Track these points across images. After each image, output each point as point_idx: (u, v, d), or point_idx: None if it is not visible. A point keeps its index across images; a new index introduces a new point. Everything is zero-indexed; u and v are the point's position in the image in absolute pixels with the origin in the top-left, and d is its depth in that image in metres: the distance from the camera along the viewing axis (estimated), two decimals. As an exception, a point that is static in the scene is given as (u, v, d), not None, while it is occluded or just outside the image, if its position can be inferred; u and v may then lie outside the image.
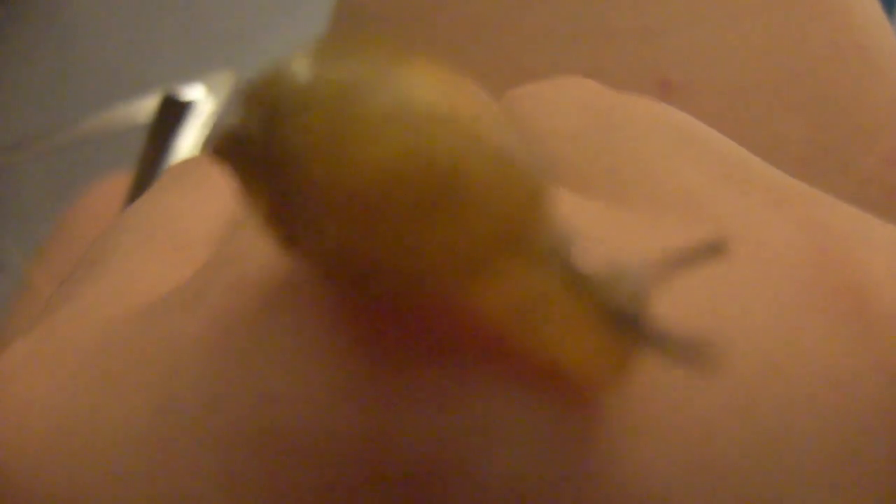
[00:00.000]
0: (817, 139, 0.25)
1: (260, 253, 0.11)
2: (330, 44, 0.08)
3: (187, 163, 0.16)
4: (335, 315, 0.09)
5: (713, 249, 0.08)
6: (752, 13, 0.27)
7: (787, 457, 0.08)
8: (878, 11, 0.29)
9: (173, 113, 0.33)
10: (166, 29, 1.27)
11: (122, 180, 0.60)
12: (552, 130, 0.13)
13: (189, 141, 0.32)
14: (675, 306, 0.09)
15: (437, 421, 0.08)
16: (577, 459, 0.08)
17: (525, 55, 0.27)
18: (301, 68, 0.08)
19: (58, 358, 0.12)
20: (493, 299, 0.08)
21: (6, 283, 0.62)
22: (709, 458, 0.08)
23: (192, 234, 0.14)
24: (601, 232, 0.10)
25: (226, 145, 0.09)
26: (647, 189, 0.11)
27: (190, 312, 0.11)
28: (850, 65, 0.26)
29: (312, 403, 0.09)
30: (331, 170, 0.08)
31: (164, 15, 1.29)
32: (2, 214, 1.12)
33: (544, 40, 0.28)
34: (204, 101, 0.33)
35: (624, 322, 0.08)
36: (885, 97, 0.26)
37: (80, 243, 0.57)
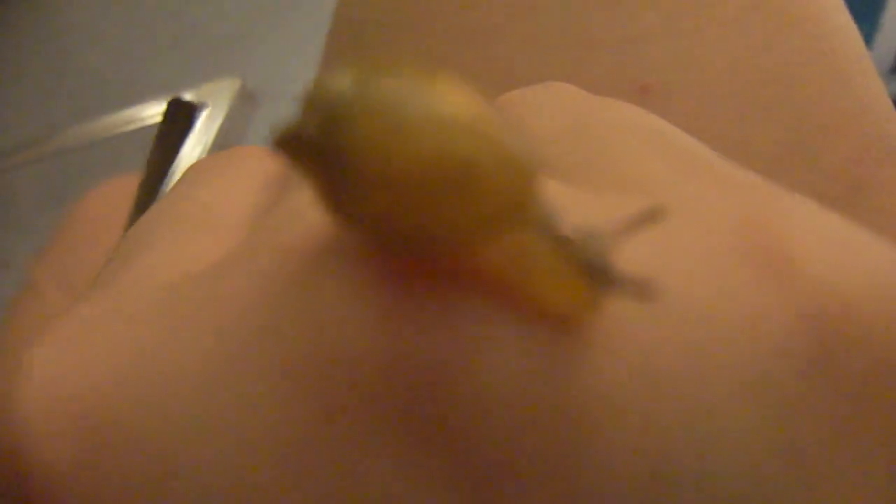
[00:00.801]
0: (786, 139, 0.26)
1: (301, 224, 0.13)
2: (371, 61, 0.10)
3: (208, 161, 0.18)
4: (374, 263, 0.12)
5: (652, 215, 0.11)
6: (726, 22, 0.28)
7: (716, 375, 0.11)
8: (846, 19, 0.30)
9: (180, 116, 0.35)
10: (159, 37, 1.27)
11: (123, 183, 0.61)
12: (538, 130, 0.15)
13: (195, 142, 0.34)
14: (630, 261, 0.11)
15: (449, 338, 0.11)
16: (558, 368, 0.11)
17: (514, 63, 0.29)
18: (351, 82, 0.11)
19: (121, 314, 0.13)
20: (496, 255, 0.11)
21: (11, 281, 0.62)
22: (656, 371, 0.11)
23: (222, 220, 0.16)
24: (576, 209, 0.12)
25: (286, 141, 0.11)
26: (616, 177, 0.14)
27: (242, 272, 0.13)
28: (817, 70, 0.27)
29: (354, 328, 0.11)
30: (380, 162, 0.10)
31: (158, 23, 1.29)
32: (4, 215, 1.12)
33: (532, 49, 0.29)
34: (209, 105, 0.34)
35: (593, 270, 0.11)
36: (849, 100, 0.27)
37: (83, 242, 0.58)
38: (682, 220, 0.12)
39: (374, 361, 0.11)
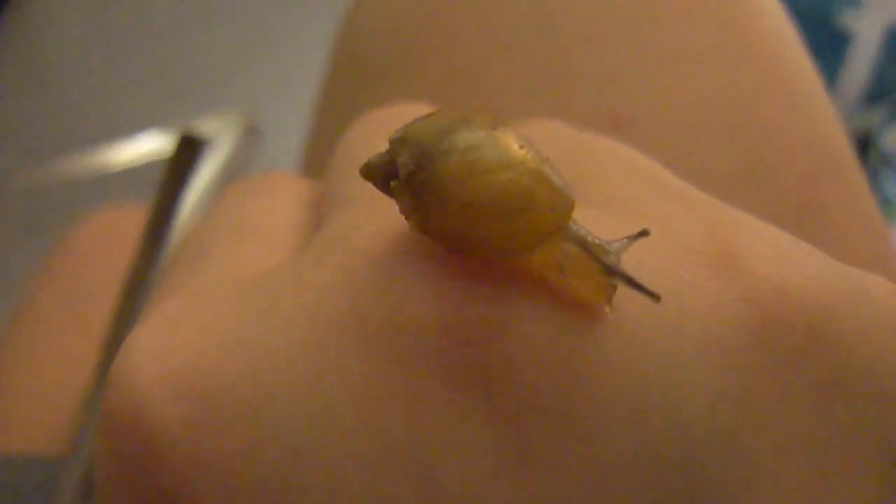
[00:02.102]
0: (746, 163, 0.28)
1: (365, 231, 0.16)
2: (451, 112, 0.14)
3: (244, 184, 0.21)
4: (439, 257, 0.15)
5: (643, 234, 0.15)
6: (693, 58, 0.30)
7: (684, 341, 0.14)
8: (803, 55, 0.33)
9: (190, 149, 0.37)
10: (138, 73, 1.27)
11: (122, 209, 0.63)
12: None
13: (206, 173, 0.36)
14: (627, 264, 0.15)
15: (495, 309, 0.14)
16: (582, 337, 0.14)
17: (501, 97, 0.31)
18: (441, 129, 0.14)
19: (212, 303, 0.16)
20: (540, 259, 0.15)
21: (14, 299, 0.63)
22: (642, 337, 0.14)
23: (268, 231, 0.19)
24: (587, 223, 0.16)
25: (376, 170, 0.15)
26: (598, 197, 0.17)
27: (318, 267, 0.16)
28: (774, 100, 0.30)
29: (423, 301, 0.15)
30: (465, 190, 0.14)
31: (136, 59, 1.29)
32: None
33: (516, 86, 0.31)
34: (217, 139, 0.36)
35: (610, 271, 0.15)
36: (802, 127, 0.30)
37: (83, 262, 0.60)
38: (656, 231, 0.16)
39: (438, 325, 0.14)
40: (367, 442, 0.14)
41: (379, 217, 0.16)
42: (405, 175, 0.15)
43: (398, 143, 0.15)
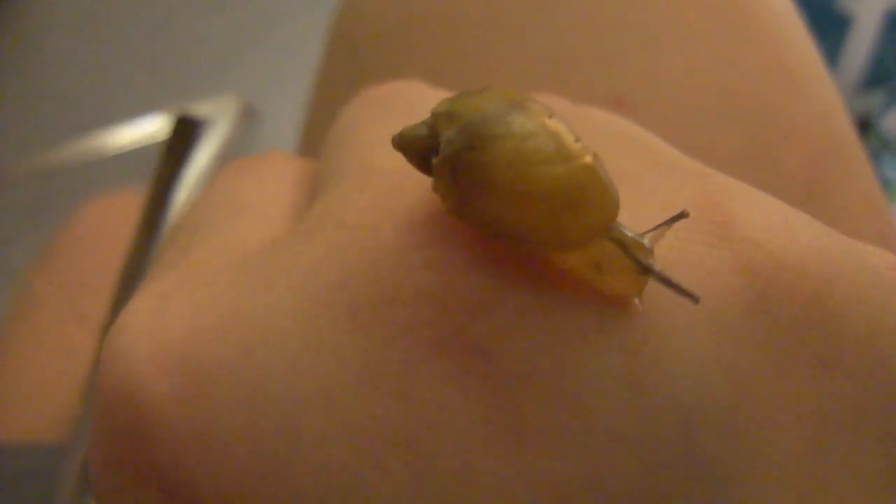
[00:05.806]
0: (749, 145, 0.28)
1: (354, 207, 0.16)
2: (506, 93, 0.14)
3: (240, 164, 0.21)
4: (432, 233, 0.15)
5: (681, 216, 0.15)
6: (694, 39, 0.30)
7: (676, 310, 0.14)
8: (805, 36, 0.32)
9: (187, 131, 0.37)
10: (133, 60, 1.27)
11: (120, 196, 0.63)
12: None
13: (202, 156, 0.36)
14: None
15: (491, 282, 0.14)
16: (575, 308, 0.14)
17: (499, 81, 0.31)
18: (494, 109, 0.14)
19: (205, 280, 0.16)
20: (577, 257, 0.14)
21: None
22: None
23: (264, 210, 0.19)
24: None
25: (411, 141, 0.15)
26: None
27: (309, 242, 0.16)
28: (777, 83, 0.29)
29: (408, 272, 0.14)
30: (518, 179, 0.13)
31: (133, 43, 1.28)
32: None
33: (516, 68, 0.31)
34: (214, 121, 0.36)
35: (647, 271, 0.14)
36: (806, 110, 0.29)
37: (82, 252, 0.60)
38: (651, 204, 0.16)
39: (428, 295, 0.14)
40: (359, 416, 0.14)
41: (370, 190, 0.16)
42: (450, 152, 0.14)
43: (443, 116, 0.14)
